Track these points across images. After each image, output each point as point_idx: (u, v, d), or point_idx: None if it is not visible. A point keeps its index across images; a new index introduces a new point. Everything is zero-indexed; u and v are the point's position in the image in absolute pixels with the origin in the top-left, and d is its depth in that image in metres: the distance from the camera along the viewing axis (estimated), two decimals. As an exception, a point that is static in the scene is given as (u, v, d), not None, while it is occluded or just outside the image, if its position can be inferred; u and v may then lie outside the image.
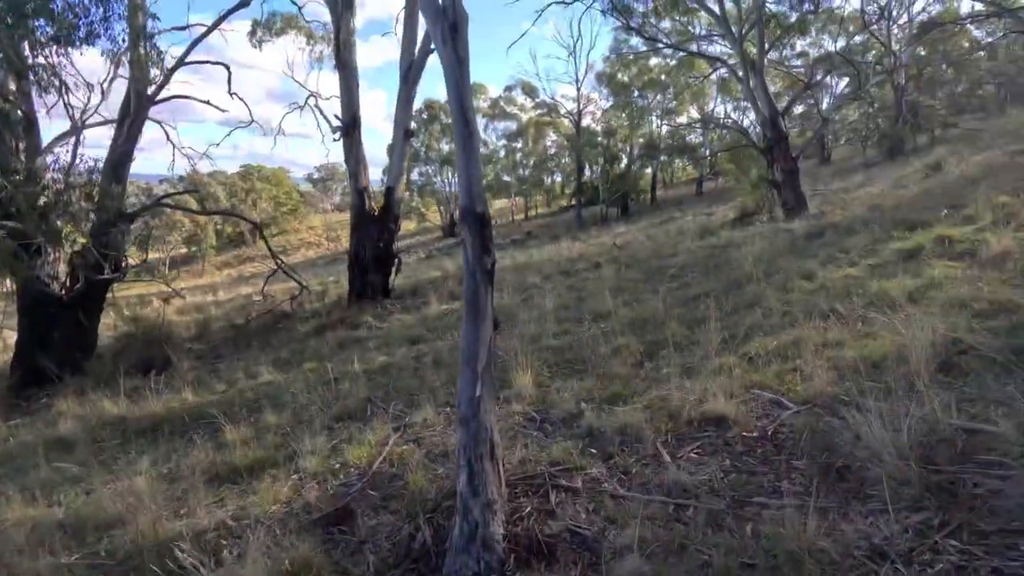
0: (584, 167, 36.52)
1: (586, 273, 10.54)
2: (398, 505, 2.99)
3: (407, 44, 11.11)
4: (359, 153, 11.34)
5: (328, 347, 7.65)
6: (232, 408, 5.16)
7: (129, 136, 9.04)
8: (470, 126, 3.16)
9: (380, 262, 11.09)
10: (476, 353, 2.84)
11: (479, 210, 3.02)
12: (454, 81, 3.17)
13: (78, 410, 6.08)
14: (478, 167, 3.18)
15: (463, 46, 3.28)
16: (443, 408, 4.35)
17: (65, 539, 3.16)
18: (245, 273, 38.75)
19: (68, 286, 8.63)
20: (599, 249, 14.67)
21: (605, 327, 5.82)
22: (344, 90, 11.14)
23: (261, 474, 3.62)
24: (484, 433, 2.65)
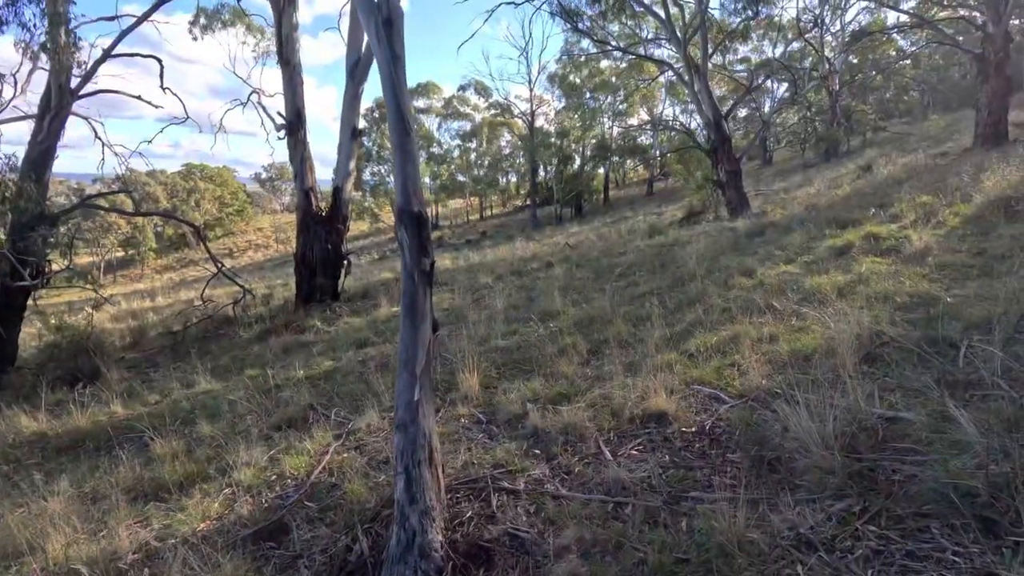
0: (538, 167, 36.78)
1: (538, 273, 10.58)
2: (336, 516, 2.89)
3: (353, 40, 10.85)
4: (304, 152, 11.00)
5: (271, 353, 7.38)
6: (164, 420, 4.88)
7: (50, 132, 8.45)
8: (406, 124, 3.09)
9: (328, 264, 10.80)
10: (415, 356, 2.77)
11: (416, 210, 2.97)
12: (389, 78, 3.10)
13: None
14: (415, 166, 3.11)
15: (399, 42, 3.21)
16: (388, 413, 4.24)
17: (-34, 570, 2.89)
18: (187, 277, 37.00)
19: (-19, 294, 7.99)
20: (552, 249, 14.77)
21: (553, 327, 5.83)
22: (287, 87, 10.80)
23: (191, 489, 3.43)
24: (422, 438, 2.59)
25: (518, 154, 43.29)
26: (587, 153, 36.93)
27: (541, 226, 31.16)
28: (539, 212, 35.33)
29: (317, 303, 10.41)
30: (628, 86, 31.02)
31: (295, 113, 10.85)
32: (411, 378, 2.72)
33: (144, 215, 17.81)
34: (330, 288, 10.80)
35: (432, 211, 45.87)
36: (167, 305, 16.22)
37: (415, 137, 3.17)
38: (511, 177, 46.75)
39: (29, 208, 7.84)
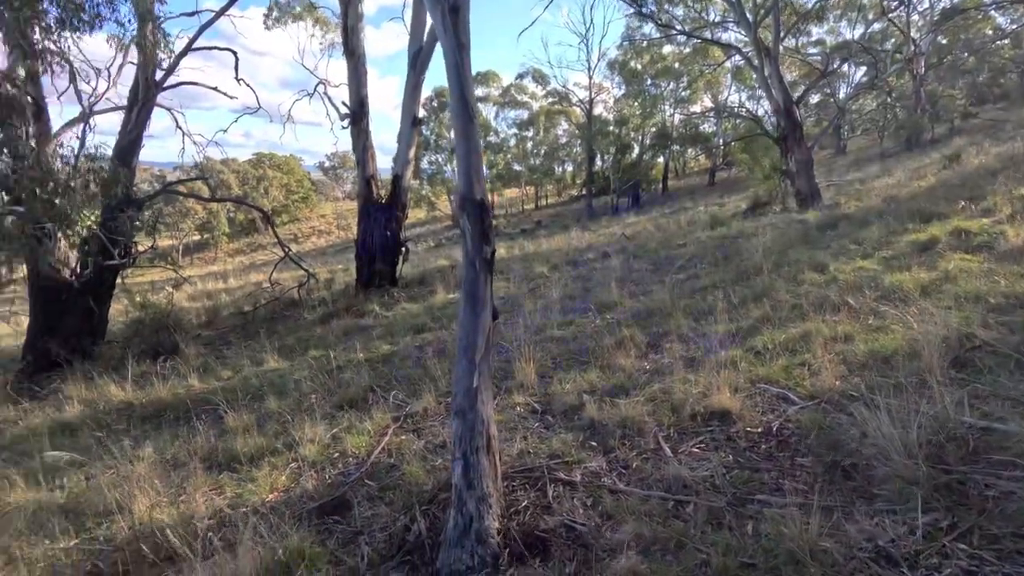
0: (595, 156, 36.18)
1: (594, 263, 10.44)
2: (395, 496, 2.96)
3: (415, 30, 10.99)
4: (367, 141, 11.28)
5: (333, 335, 7.65)
6: (236, 395, 5.16)
7: (137, 122, 9.04)
8: (470, 112, 3.08)
9: (387, 250, 11.06)
10: (474, 343, 2.78)
11: (479, 198, 2.96)
12: (454, 66, 3.09)
13: (86, 395, 6.13)
14: (478, 154, 3.10)
15: (464, 30, 3.19)
16: (444, 398, 4.31)
17: (65, 524, 3.17)
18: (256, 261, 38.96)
19: (78, 272, 8.69)
20: (608, 239, 14.54)
21: (611, 318, 5.75)
22: (352, 77, 11.06)
23: (260, 462, 3.61)
24: (480, 425, 2.61)
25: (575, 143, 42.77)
26: (646, 142, 36.02)
27: (597, 216, 30.73)
28: (595, 202, 34.82)
29: (376, 288, 10.70)
30: (691, 72, 29.93)
31: (359, 103, 11.11)
32: (470, 365, 2.73)
33: (219, 201, 18.84)
34: (388, 274, 11.07)
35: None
36: (238, 287, 17.15)
37: (478, 125, 3.16)
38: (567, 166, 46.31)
39: (119, 192, 8.43)
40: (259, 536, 2.54)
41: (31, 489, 3.75)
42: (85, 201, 7.76)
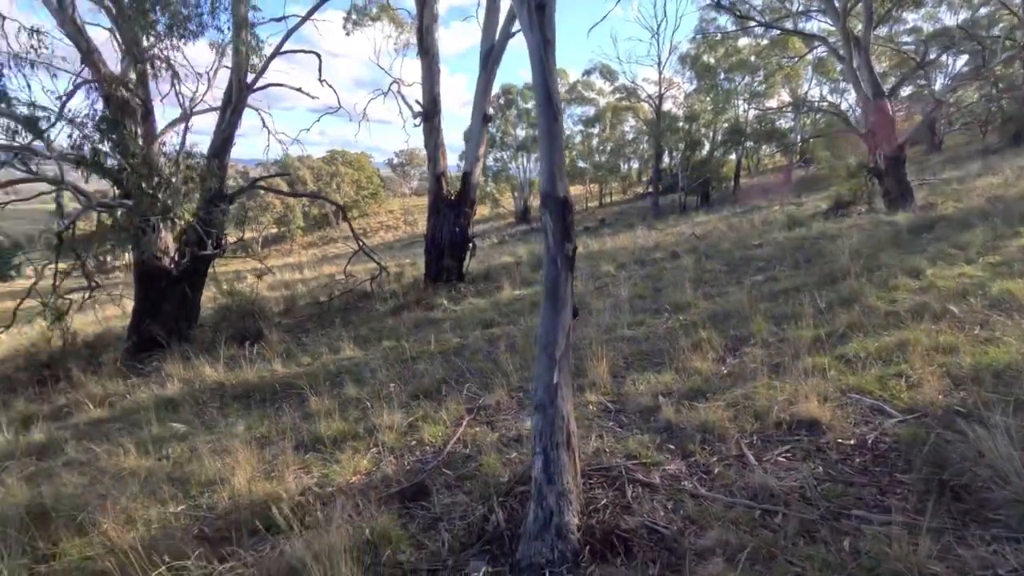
0: (663, 153, 35.30)
1: (663, 263, 10.21)
2: (472, 486, 3.03)
3: (487, 29, 11.10)
4: (438, 138, 11.52)
5: (405, 327, 7.89)
6: (317, 380, 5.44)
7: (230, 122, 9.67)
8: (555, 110, 3.09)
9: (455, 246, 11.28)
10: (554, 340, 2.80)
11: (562, 195, 2.97)
12: (540, 64, 3.11)
13: (183, 374, 6.65)
14: (562, 152, 3.11)
15: (550, 26, 3.20)
16: (516, 392, 4.37)
17: (172, 490, 3.46)
18: (329, 253, 40.80)
19: (176, 261, 9.42)
20: (676, 238, 14.17)
21: (684, 319, 5.61)
22: (426, 76, 11.33)
23: (343, 445, 3.79)
24: (561, 421, 2.62)
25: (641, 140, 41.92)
26: (718, 138, 34.76)
27: (663, 214, 29.99)
28: (661, 200, 33.98)
29: (444, 283, 10.95)
30: (769, 65, 28.56)
31: (432, 101, 11.37)
32: (550, 361, 2.75)
33: (299, 195, 19.93)
34: (456, 269, 11.29)
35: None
36: (313, 278, 18.03)
37: (563, 123, 3.17)
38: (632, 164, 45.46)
39: (213, 187, 9.06)
40: (347, 515, 2.67)
41: (141, 457, 4.12)
42: (184, 195, 8.41)
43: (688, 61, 32.96)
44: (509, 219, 43.93)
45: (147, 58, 8.01)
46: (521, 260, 14.43)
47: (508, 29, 10.98)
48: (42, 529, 3.05)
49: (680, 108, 36.13)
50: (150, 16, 7.50)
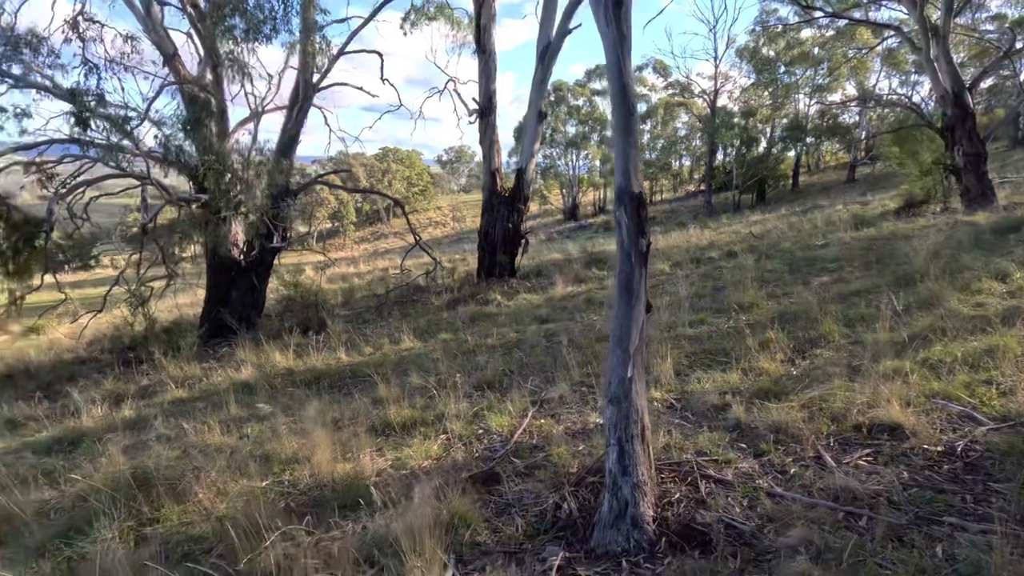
0: (717, 150, 34.36)
1: (719, 262, 9.99)
2: (541, 475, 3.10)
3: (545, 26, 11.12)
4: (493, 135, 11.65)
5: (461, 320, 8.05)
6: (381, 369, 5.63)
7: (297, 120, 10.10)
8: (630, 106, 3.10)
9: (508, 242, 11.39)
10: (628, 334, 2.82)
11: (636, 191, 2.98)
12: (616, 59, 3.12)
13: (254, 359, 7.02)
14: (636, 148, 3.12)
15: (626, 22, 3.21)
16: (578, 387, 4.40)
17: (255, 467, 3.69)
18: (379, 248, 41.90)
19: (245, 252, 9.91)
20: (732, 237, 13.81)
21: (748, 319, 5.49)
22: (482, 73, 11.47)
23: (412, 431, 3.94)
24: (635, 414, 2.65)
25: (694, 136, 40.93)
26: (776, 134, 33.53)
27: (716, 213, 29.21)
28: (714, 198, 33.10)
29: (496, 278, 11.08)
30: (835, 57, 27.30)
31: (487, 98, 11.51)
32: (624, 355, 2.77)
33: (361, 192, 20.59)
34: (508, 265, 11.40)
35: (599, 195, 45.63)
36: (367, 271, 18.57)
37: (638, 119, 3.17)
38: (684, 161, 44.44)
39: (280, 182, 9.49)
40: (424, 495, 2.78)
41: (224, 435, 4.40)
42: (255, 190, 8.85)
43: (746, 54, 31.92)
44: (557, 216, 43.83)
45: (223, 61, 8.45)
46: (571, 258, 14.42)
47: (565, 26, 10.97)
48: (145, 495, 3.32)
49: (736, 103, 35.06)
50: (228, 21, 7.91)
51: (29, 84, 8.57)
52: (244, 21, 7.88)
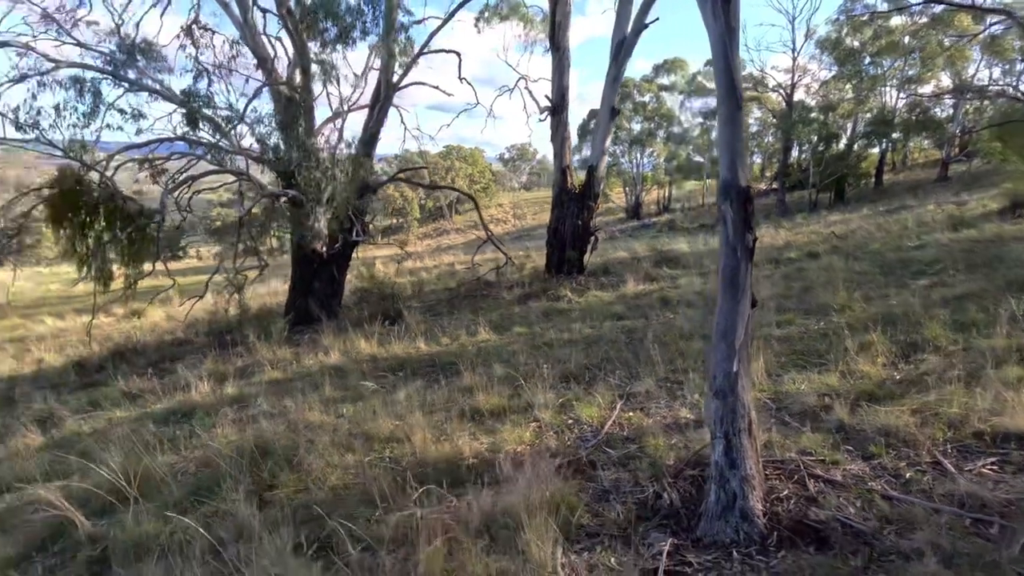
0: (792, 147, 32.78)
1: (799, 263, 9.60)
2: (636, 465, 3.14)
3: (620, 21, 11.03)
4: (565, 132, 11.68)
5: (534, 315, 8.15)
6: (462, 359, 5.82)
7: (378, 119, 10.52)
8: (738, 100, 3.07)
9: (577, 239, 11.40)
10: (734, 328, 2.81)
11: (744, 185, 2.96)
12: (724, 52, 3.10)
13: (339, 346, 7.41)
14: (743, 142, 3.10)
15: (735, 15, 3.19)
16: (663, 382, 4.40)
17: (357, 444, 3.93)
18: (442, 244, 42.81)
19: (328, 245, 10.44)
20: (811, 238, 13.21)
21: (839, 321, 5.28)
22: (555, 70, 11.52)
23: (502, 418, 4.07)
24: (742, 409, 2.65)
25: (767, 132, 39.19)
26: (858, 129, 31.58)
27: (790, 213, 27.91)
28: (787, 197, 31.61)
29: (565, 275, 11.12)
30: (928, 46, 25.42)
31: (560, 96, 11.55)
32: (729, 350, 2.77)
33: (436, 188, 21.30)
34: (577, 261, 11.41)
35: (663, 193, 44.64)
36: (433, 266, 19.07)
37: (743, 113, 3.14)
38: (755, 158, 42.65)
39: (362, 180, 9.92)
40: (525, 476, 2.89)
41: (323, 414, 4.70)
42: (339, 185, 9.31)
43: (828, 45, 30.22)
44: (619, 214, 43.23)
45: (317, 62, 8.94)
46: (637, 256, 14.27)
47: (641, 21, 10.83)
48: (264, 464, 3.61)
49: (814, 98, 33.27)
50: (320, 25, 8.36)
51: (143, 88, 9.39)
52: (335, 25, 8.29)
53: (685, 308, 7.18)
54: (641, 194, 41.81)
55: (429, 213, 57.30)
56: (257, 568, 2.38)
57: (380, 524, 2.77)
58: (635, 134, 38.45)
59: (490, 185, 57.82)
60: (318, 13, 8.02)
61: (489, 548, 2.41)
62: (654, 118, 38.65)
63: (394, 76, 10.69)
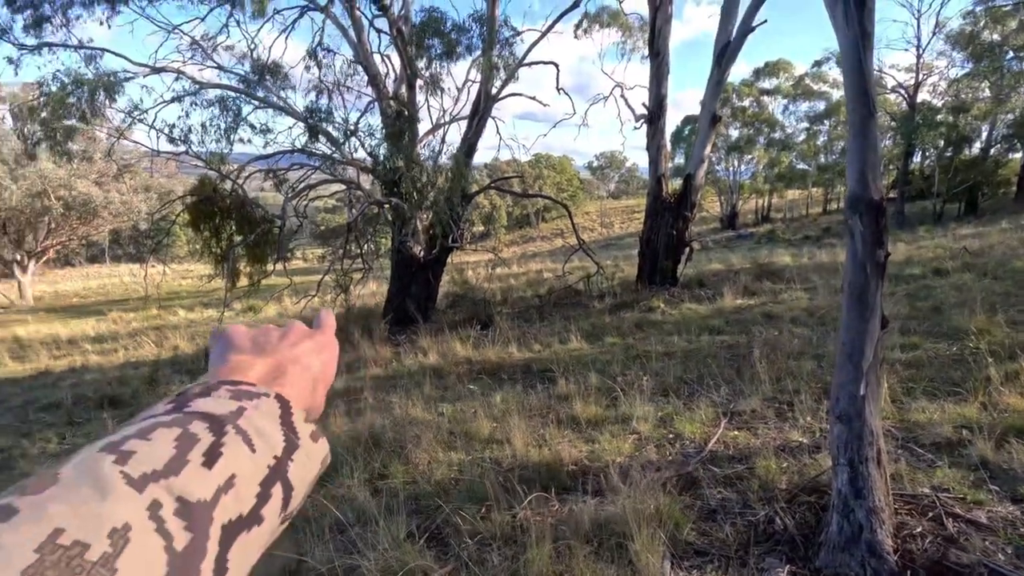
0: (913, 152, 29.90)
1: (926, 280, 8.75)
2: (744, 486, 3.03)
3: (724, 23, 10.67)
4: (661, 140, 11.46)
5: (626, 326, 8.06)
6: (556, 367, 5.88)
7: (476, 130, 10.88)
8: (871, 107, 2.91)
9: (671, 249, 11.12)
10: (861, 349, 2.66)
11: (876, 197, 2.80)
12: (856, 58, 2.95)
13: (436, 347, 7.73)
14: (876, 151, 2.92)
15: (870, 19, 3.02)
16: (771, 402, 4.20)
17: (459, 442, 4.10)
18: (528, 251, 43.22)
19: (426, 250, 10.93)
20: (937, 253, 11.99)
21: (977, 347, 4.76)
22: (654, 77, 11.34)
23: (599, 427, 4.07)
24: (870, 435, 2.48)
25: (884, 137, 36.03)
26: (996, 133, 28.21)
27: (910, 224, 25.42)
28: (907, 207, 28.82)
29: (657, 286, 10.87)
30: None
31: (658, 103, 11.35)
32: (856, 372, 2.62)
33: (529, 196, 21.73)
34: (670, 272, 11.12)
35: (762, 202, 42.31)
36: (522, 273, 19.33)
37: (877, 121, 2.96)
38: (870, 165, 39.33)
39: (460, 188, 10.31)
40: (629, 487, 2.88)
41: (425, 411, 4.94)
42: (439, 193, 9.74)
43: (961, 40, 27.29)
44: (712, 224, 41.51)
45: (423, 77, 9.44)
46: (734, 267, 13.68)
47: (748, 23, 10.40)
48: (375, 454, 3.87)
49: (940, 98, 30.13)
50: (427, 42, 8.83)
51: (270, 105, 10.38)
52: (441, 42, 8.72)
53: (790, 325, 6.78)
54: (737, 203, 39.89)
55: (516, 221, 58.15)
56: (378, 551, 2.56)
57: (486, 521, 2.88)
58: (733, 140, 36.79)
59: (577, 193, 57.73)
60: (426, 32, 8.48)
61: (596, 555, 2.44)
62: (754, 123, 36.79)
63: (493, 88, 11.03)
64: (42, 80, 8.82)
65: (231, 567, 0.28)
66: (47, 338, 13.94)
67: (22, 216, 25.18)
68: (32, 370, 10.52)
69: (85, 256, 52.50)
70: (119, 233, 44.52)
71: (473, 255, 37.61)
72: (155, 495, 0.26)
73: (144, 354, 11.03)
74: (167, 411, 0.32)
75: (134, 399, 7.54)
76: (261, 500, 0.31)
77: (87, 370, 10.09)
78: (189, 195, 9.75)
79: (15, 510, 0.23)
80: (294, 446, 0.35)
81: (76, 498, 0.24)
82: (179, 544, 0.26)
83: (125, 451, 0.28)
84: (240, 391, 0.35)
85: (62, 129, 9.18)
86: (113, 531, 0.24)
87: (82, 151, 22.74)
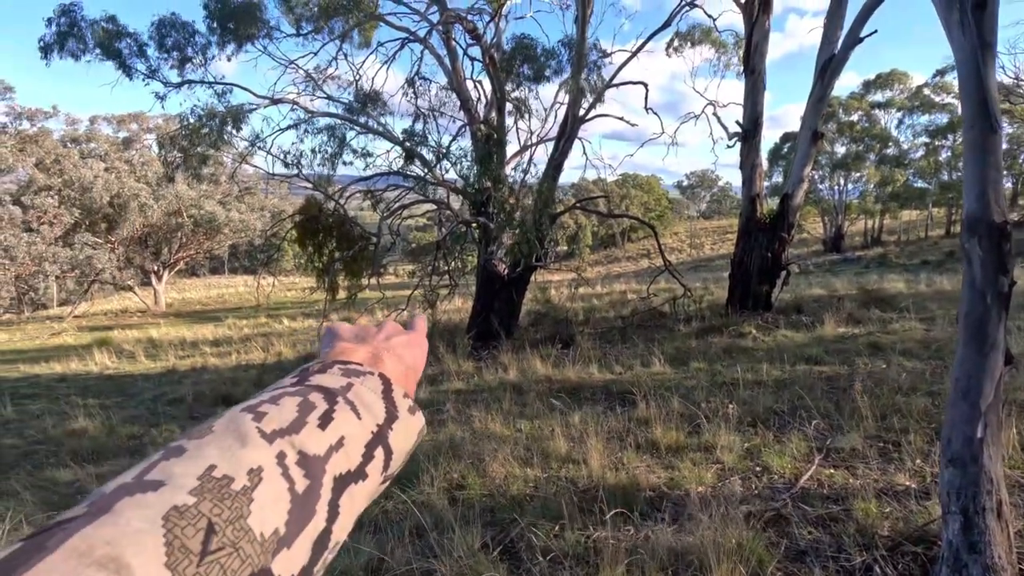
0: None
1: (1073, 314, 7.66)
2: (839, 529, 2.81)
3: (828, 36, 10.11)
4: (756, 158, 11.00)
5: (714, 351, 7.73)
6: (637, 390, 5.76)
7: (563, 151, 11.02)
8: (993, 123, 2.68)
9: (765, 272, 10.55)
10: (979, 387, 2.42)
11: (998, 220, 2.55)
12: (975, 70, 2.74)
13: (517, 364, 7.84)
14: (999, 170, 2.68)
15: (990, 28, 2.80)
16: (874, 440, 3.86)
17: (535, 459, 4.13)
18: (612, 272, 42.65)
19: (510, 268, 11.15)
20: (1091, 283, 10.43)
21: None
22: (749, 94, 10.95)
23: (680, 454, 3.94)
24: (988, 484, 2.24)
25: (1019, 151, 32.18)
26: None
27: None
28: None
29: (749, 310, 10.34)
30: None
31: (753, 120, 10.92)
32: (973, 411, 2.38)
33: (615, 216, 21.55)
34: (764, 297, 10.54)
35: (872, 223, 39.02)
36: (605, 293, 19.11)
37: (1001, 136, 2.71)
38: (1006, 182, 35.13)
39: (546, 207, 10.47)
40: (712, 519, 2.77)
41: (503, 427, 5.03)
42: (525, 213, 9.95)
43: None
44: (814, 246, 38.80)
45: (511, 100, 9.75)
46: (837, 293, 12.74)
47: (856, 35, 9.77)
48: (454, 463, 4.00)
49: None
50: (517, 68, 9.13)
51: (370, 130, 11.16)
52: (531, 67, 8.99)
53: (900, 357, 6.20)
54: (843, 224, 37.05)
55: (601, 240, 57.66)
56: (453, 557, 2.65)
57: (559, 539, 2.89)
58: (839, 157, 34.36)
59: (665, 213, 56.33)
60: (516, 57, 8.78)
61: (671, 584, 2.37)
62: (863, 139, 34.18)
63: (580, 110, 11.15)
64: (182, 115, 10.11)
65: (341, 511, 0.36)
66: (175, 340, 15.69)
67: (160, 231, 28.72)
68: (162, 368, 11.88)
69: (208, 267, 58.63)
70: (236, 247, 49.27)
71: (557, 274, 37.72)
72: (281, 447, 0.35)
73: (253, 358, 12.10)
74: (292, 383, 0.41)
75: (244, 398, 8.28)
76: (366, 459, 0.39)
77: (206, 370, 11.23)
78: (297, 214, 10.68)
79: (184, 449, 0.32)
80: (394, 417, 0.43)
81: (224, 444, 0.33)
82: (299, 487, 0.34)
83: (260, 412, 0.37)
84: (349, 369, 0.44)
85: (197, 156, 10.43)
86: (250, 471, 0.32)
87: (210, 174, 25.62)
